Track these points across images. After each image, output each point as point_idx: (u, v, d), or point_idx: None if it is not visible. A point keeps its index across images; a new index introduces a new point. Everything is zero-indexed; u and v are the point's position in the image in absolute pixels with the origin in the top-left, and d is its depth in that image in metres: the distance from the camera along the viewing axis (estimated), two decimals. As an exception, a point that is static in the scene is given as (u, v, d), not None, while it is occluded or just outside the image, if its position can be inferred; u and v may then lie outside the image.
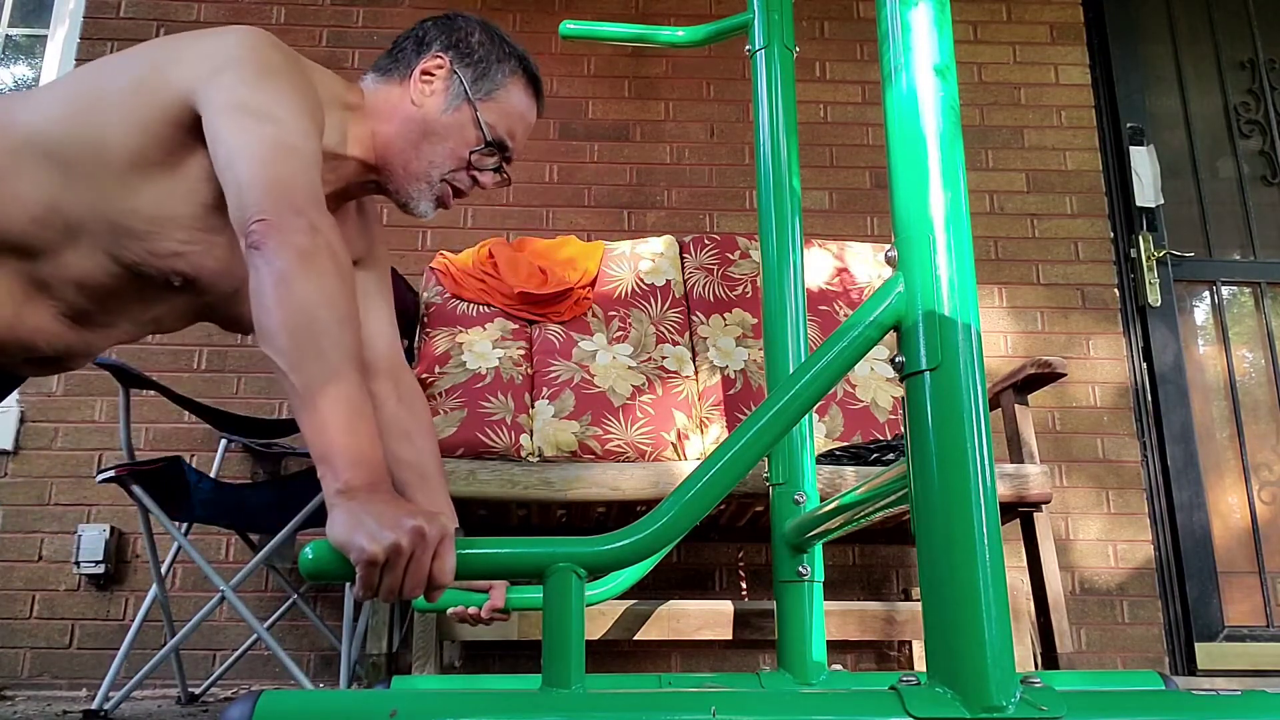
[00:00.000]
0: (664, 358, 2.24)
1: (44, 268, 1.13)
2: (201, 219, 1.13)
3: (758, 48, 1.76)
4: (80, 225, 1.11)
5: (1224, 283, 3.00)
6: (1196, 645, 2.67)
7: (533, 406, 2.09)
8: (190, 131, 1.10)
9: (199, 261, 1.15)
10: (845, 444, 2.06)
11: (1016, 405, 2.08)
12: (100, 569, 2.52)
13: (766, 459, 1.64)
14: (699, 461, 1.74)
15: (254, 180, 1.02)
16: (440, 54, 1.28)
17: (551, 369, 2.16)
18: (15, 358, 1.18)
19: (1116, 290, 2.94)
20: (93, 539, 2.53)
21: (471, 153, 1.28)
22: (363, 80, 1.32)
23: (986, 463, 0.89)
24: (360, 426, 0.93)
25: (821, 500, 1.61)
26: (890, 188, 1.01)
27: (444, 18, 1.34)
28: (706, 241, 2.51)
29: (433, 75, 1.28)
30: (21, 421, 2.64)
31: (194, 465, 2.35)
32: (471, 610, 1.35)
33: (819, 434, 2.15)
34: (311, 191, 1.05)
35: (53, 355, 1.19)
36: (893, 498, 1.05)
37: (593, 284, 2.38)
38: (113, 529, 2.56)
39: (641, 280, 2.40)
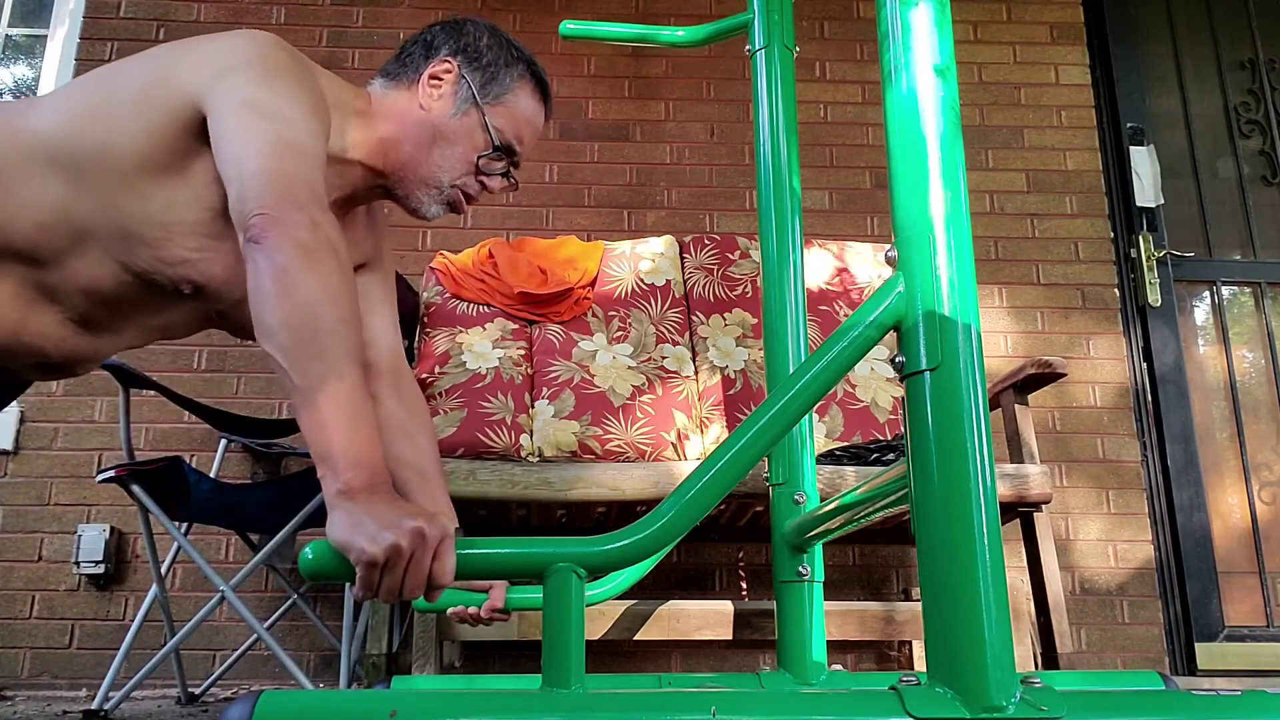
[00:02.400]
0: (664, 358, 2.24)
1: (51, 274, 1.12)
2: (209, 225, 1.12)
3: (758, 48, 1.76)
4: (88, 232, 1.10)
5: (1224, 283, 3.00)
6: (1196, 645, 2.67)
7: (533, 406, 2.09)
8: (197, 135, 1.09)
9: (208, 269, 1.14)
10: (845, 444, 2.06)
11: (1016, 405, 2.08)
12: (100, 569, 2.52)
13: (766, 459, 1.64)
14: (699, 461, 1.74)
15: (256, 174, 1.02)
16: (448, 58, 1.28)
17: (551, 369, 2.16)
18: (22, 362, 1.17)
19: (1116, 290, 2.94)
20: (93, 539, 2.53)
21: (480, 157, 1.27)
22: (370, 85, 1.31)
23: (986, 463, 0.89)
24: (361, 426, 0.93)
25: (821, 500, 1.61)
26: (890, 188, 1.01)
27: (452, 23, 1.33)
28: (706, 241, 2.51)
29: (441, 80, 1.27)
30: (21, 421, 2.64)
31: (194, 465, 2.35)
32: (471, 610, 1.36)
33: (819, 434, 2.15)
34: (314, 189, 1.04)
35: (60, 361, 1.18)
36: (893, 498, 1.05)
37: (593, 284, 2.38)
38: (113, 529, 2.56)
39: (641, 280, 2.40)
